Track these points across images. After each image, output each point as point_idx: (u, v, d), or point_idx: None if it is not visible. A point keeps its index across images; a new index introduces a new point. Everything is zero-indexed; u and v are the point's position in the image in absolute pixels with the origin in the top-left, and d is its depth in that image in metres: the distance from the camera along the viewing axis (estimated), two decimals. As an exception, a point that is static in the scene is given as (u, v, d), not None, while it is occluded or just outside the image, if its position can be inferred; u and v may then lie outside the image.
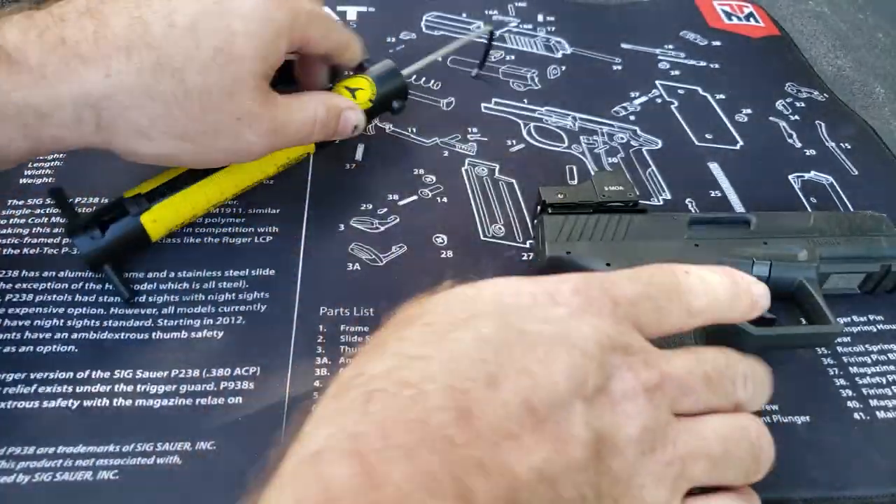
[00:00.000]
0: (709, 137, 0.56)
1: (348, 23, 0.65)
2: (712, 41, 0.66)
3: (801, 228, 0.43)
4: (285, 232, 0.46)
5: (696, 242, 0.42)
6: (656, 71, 0.62)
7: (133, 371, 0.38)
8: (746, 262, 0.41)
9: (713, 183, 0.52)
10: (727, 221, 0.44)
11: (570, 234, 0.42)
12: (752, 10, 0.70)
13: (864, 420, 0.39)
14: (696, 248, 0.42)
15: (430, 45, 0.62)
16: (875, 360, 0.42)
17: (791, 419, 0.38)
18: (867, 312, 0.44)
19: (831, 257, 0.42)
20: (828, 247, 0.42)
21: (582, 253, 0.41)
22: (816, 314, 0.40)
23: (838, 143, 0.56)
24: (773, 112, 0.59)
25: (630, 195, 0.44)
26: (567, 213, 0.43)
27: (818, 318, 0.40)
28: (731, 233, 0.43)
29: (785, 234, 0.43)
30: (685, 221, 0.43)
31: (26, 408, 0.36)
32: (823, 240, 0.43)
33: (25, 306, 0.40)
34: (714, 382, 0.28)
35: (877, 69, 0.65)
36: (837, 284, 0.44)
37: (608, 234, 0.42)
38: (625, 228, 0.43)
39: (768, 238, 0.43)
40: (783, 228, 0.43)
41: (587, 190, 0.45)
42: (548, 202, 0.44)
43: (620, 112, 0.58)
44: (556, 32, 0.66)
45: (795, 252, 0.42)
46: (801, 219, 0.44)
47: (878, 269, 0.43)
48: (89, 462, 0.34)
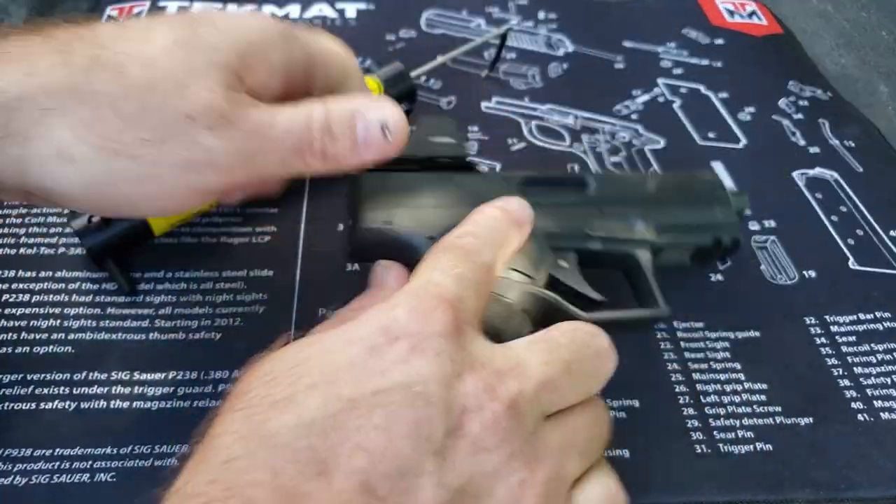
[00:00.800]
0: (712, 136, 0.56)
1: (347, 21, 0.65)
2: (715, 39, 0.65)
3: (638, 194, 0.40)
4: (284, 232, 0.46)
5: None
6: (659, 69, 0.62)
7: (130, 373, 0.38)
8: (580, 237, 0.38)
9: (716, 182, 0.52)
10: (563, 182, 0.40)
11: (392, 200, 0.36)
12: (755, 7, 0.70)
13: (867, 421, 0.38)
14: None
15: (430, 43, 0.62)
16: (880, 360, 0.41)
17: (794, 420, 0.38)
18: (874, 310, 0.43)
19: (667, 228, 0.39)
20: (664, 216, 0.39)
21: (403, 223, 0.36)
22: (646, 295, 0.37)
23: (842, 141, 0.56)
24: (777, 111, 0.58)
25: (460, 151, 0.39)
26: (388, 170, 0.36)
27: (647, 298, 0.37)
28: (568, 197, 0.39)
29: (622, 202, 0.40)
30: (519, 182, 0.39)
31: (23, 409, 0.36)
32: (661, 209, 0.39)
33: (22, 307, 0.40)
34: (574, 370, 0.27)
35: (880, 67, 0.64)
36: (671, 258, 0.40)
37: (433, 200, 0.37)
38: (454, 192, 0.37)
39: (605, 205, 0.39)
40: (621, 194, 0.40)
41: (411, 141, 0.34)
42: None
43: (623, 110, 0.57)
44: (558, 30, 0.65)
45: (632, 224, 0.39)
46: (640, 183, 0.41)
47: (710, 242, 0.40)
48: (86, 464, 0.34)
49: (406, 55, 0.61)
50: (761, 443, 0.37)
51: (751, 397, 0.39)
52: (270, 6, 0.66)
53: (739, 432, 0.37)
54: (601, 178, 0.41)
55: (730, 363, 0.41)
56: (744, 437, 0.37)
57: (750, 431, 0.37)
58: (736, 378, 0.40)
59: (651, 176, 0.42)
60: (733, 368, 0.40)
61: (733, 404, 0.39)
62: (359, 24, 0.65)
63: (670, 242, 0.39)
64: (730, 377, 0.40)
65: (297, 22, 0.65)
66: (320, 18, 0.65)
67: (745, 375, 0.40)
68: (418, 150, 0.38)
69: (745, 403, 0.39)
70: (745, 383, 0.40)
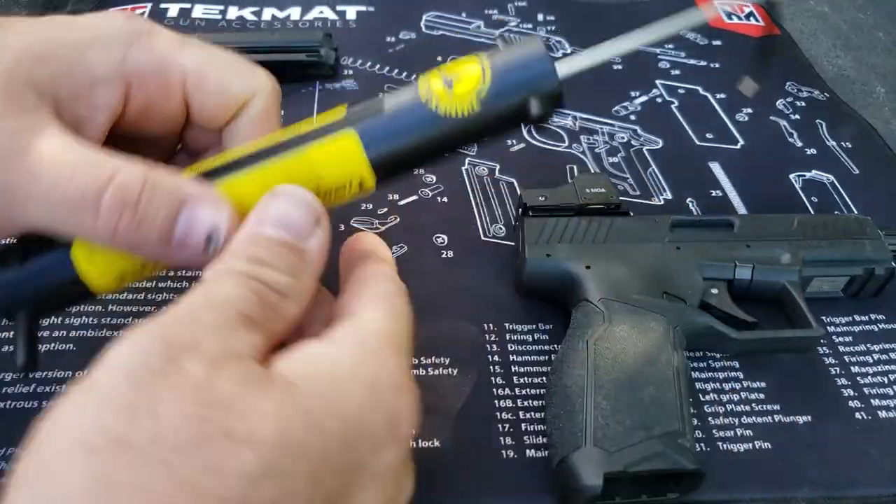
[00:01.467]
0: (709, 137, 0.56)
1: (348, 23, 0.65)
2: (713, 40, 0.66)
3: (784, 231, 0.43)
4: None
5: (678, 245, 0.42)
6: (657, 70, 0.62)
7: (132, 371, 0.38)
8: (728, 265, 0.41)
9: (714, 182, 0.52)
10: (710, 224, 0.44)
11: (551, 237, 0.42)
12: (753, 9, 0.70)
13: (865, 419, 0.38)
14: (677, 250, 0.42)
15: (430, 45, 0.62)
16: (877, 359, 0.41)
17: (792, 419, 0.38)
18: (868, 312, 0.44)
19: (815, 260, 0.42)
20: (811, 250, 0.42)
21: (562, 255, 0.41)
22: (798, 318, 0.40)
23: (839, 142, 0.56)
24: (774, 111, 0.59)
25: (612, 198, 0.44)
26: (547, 215, 0.43)
27: (800, 321, 0.40)
28: (714, 235, 0.43)
29: (768, 236, 0.43)
30: (667, 224, 0.43)
31: (25, 407, 0.36)
32: (807, 243, 0.43)
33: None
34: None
35: (877, 68, 0.65)
36: (821, 288, 0.43)
37: (589, 237, 0.42)
38: (606, 231, 0.42)
39: (751, 241, 0.43)
40: (766, 231, 0.43)
41: (569, 193, 0.44)
42: (529, 205, 0.43)
43: (621, 111, 0.58)
44: (557, 32, 0.66)
45: (778, 255, 0.42)
46: (785, 222, 0.44)
47: (862, 273, 0.43)
48: (88, 462, 0.34)
49: (407, 55, 0.61)
50: (760, 441, 0.37)
51: (749, 396, 0.39)
52: (271, 9, 0.66)
53: (738, 431, 0.38)
54: (746, 219, 0.44)
55: (728, 362, 0.41)
56: (742, 435, 0.37)
57: (749, 430, 0.38)
58: (734, 377, 0.40)
59: (796, 217, 0.44)
60: (732, 367, 0.41)
61: (732, 403, 0.39)
62: (359, 26, 0.65)
63: (818, 273, 0.42)
64: (728, 376, 0.40)
65: (297, 23, 0.65)
66: (321, 20, 0.65)
67: (743, 374, 0.40)
68: (575, 199, 0.44)
69: (743, 402, 0.39)
70: (744, 382, 0.40)
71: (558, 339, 0.41)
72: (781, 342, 0.40)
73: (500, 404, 0.38)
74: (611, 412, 0.33)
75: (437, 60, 0.61)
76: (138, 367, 0.20)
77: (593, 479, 0.31)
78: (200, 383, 0.20)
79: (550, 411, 0.35)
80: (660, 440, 0.32)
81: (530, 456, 0.36)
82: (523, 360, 0.40)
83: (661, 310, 0.38)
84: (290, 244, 0.25)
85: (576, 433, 0.33)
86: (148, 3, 0.65)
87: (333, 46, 0.59)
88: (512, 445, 0.36)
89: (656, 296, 0.39)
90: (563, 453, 0.33)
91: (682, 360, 0.36)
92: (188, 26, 0.64)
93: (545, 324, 0.42)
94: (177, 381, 0.20)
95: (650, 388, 0.34)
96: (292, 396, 0.21)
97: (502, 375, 0.39)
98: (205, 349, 0.21)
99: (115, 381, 0.20)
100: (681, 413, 0.34)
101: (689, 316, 0.39)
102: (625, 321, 0.37)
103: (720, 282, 0.41)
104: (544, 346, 0.41)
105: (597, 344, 0.36)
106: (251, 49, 0.57)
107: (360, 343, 0.24)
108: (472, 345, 0.41)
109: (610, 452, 0.32)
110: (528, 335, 0.41)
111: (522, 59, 0.27)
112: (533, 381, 0.39)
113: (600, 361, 0.35)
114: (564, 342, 0.38)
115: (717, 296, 0.41)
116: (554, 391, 0.36)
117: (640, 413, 0.33)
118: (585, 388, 0.34)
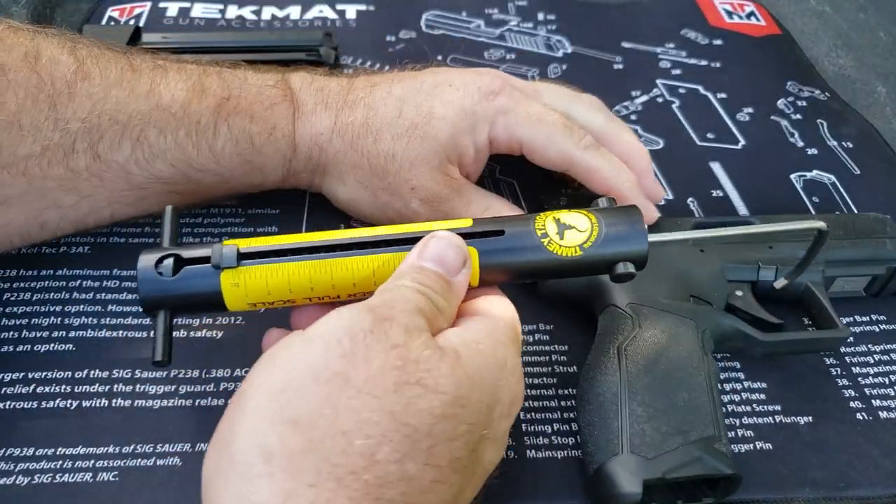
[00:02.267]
0: (710, 137, 0.56)
1: (347, 22, 0.65)
2: (713, 40, 0.66)
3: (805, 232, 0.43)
4: (285, 232, 0.46)
5: (701, 248, 0.42)
6: (657, 70, 0.62)
7: (132, 371, 0.38)
8: (752, 267, 0.41)
9: (715, 182, 0.52)
10: (732, 225, 0.44)
11: None
12: (754, 8, 0.70)
13: (866, 420, 0.38)
14: (700, 252, 0.42)
15: (430, 44, 0.62)
16: (878, 360, 0.41)
17: (793, 419, 0.38)
18: (870, 312, 0.44)
19: (836, 260, 0.42)
20: (833, 250, 0.42)
21: None
22: (823, 318, 0.40)
23: (840, 142, 0.56)
24: (775, 111, 0.58)
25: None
26: None
27: (825, 322, 0.40)
28: (738, 237, 0.42)
29: (790, 238, 0.43)
30: (689, 226, 0.43)
31: (25, 408, 0.36)
32: (829, 243, 0.42)
33: (23, 305, 0.40)
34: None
35: (878, 68, 0.65)
36: (843, 287, 0.43)
37: None
38: None
39: (773, 242, 0.42)
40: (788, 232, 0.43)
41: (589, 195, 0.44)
42: (549, 207, 0.43)
43: (622, 111, 0.58)
44: (557, 31, 0.66)
45: (800, 256, 0.41)
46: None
47: (884, 272, 0.43)
48: (89, 463, 0.34)
49: (406, 56, 0.61)
50: (761, 442, 0.37)
51: (750, 396, 0.39)
52: (271, 8, 0.66)
53: (739, 431, 0.38)
54: (768, 221, 0.44)
55: (729, 362, 0.41)
56: (744, 436, 0.37)
57: (749, 430, 0.38)
58: (735, 377, 0.40)
59: (816, 217, 0.45)
60: (733, 368, 0.41)
61: (733, 403, 0.39)
62: (359, 25, 0.65)
63: (840, 273, 0.42)
64: (729, 376, 0.40)
65: (297, 22, 0.65)
66: (321, 20, 0.65)
67: (744, 375, 0.40)
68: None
69: (744, 402, 0.39)
70: (745, 382, 0.40)
71: (559, 339, 0.41)
72: (808, 343, 0.40)
73: (501, 405, 0.38)
74: (646, 418, 0.33)
75: (438, 60, 0.61)
76: (354, 327, 0.27)
77: (632, 486, 0.31)
78: (399, 343, 0.27)
79: (583, 419, 0.35)
80: (696, 445, 0.32)
81: (530, 457, 0.36)
82: (523, 361, 0.40)
83: (689, 313, 0.38)
84: (444, 277, 0.31)
85: (612, 440, 0.33)
86: (147, 3, 0.65)
87: (333, 46, 0.59)
88: (512, 446, 0.36)
89: (683, 299, 0.39)
90: (599, 461, 0.33)
91: (712, 364, 0.36)
92: (187, 26, 0.63)
93: (545, 324, 0.42)
94: (383, 340, 0.27)
95: (683, 393, 0.34)
96: (460, 363, 0.28)
97: (503, 376, 0.39)
98: (400, 321, 0.27)
99: (337, 335, 0.27)
100: (715, 417, 0.34)
101: (716, 319, 0.38)
102: (654, 325, 0.37)
103: (744, 284, 0.41)
104: (545, 347, 0.41)
105: (627, 349, 0.36)
106: (251, 48, 0.57)
107: (493, 334, 0.30)
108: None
109: (648, 459, 0.32)
110: (529, 335, 0.41)
111: (626, 231, 0.33)
112: (533, 382, 0.39)
113: (632, 367, 0.35)
114: (593, 349, 0.38)
115: (741, 298, 0.40)
116: (587, 398, 0.35)
117: (676, 418, 0.33)
118: (620, 395, 0.34)
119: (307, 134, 0.42)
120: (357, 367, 0.26)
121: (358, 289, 0.33)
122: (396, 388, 0.26)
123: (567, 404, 0.38)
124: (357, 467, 0.24)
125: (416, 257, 0.31)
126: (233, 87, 0.40)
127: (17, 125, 0.34)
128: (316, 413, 0.25)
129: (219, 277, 0.32)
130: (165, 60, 0.40)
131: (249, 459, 0.24)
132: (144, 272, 0.32)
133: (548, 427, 0.37)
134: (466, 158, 0.42)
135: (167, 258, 0.32)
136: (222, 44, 0.58)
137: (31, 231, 0.38)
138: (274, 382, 0.26)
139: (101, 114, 0.36)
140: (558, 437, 0.37)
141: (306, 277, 0.32)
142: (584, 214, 0.34)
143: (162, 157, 0.39)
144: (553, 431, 0.37)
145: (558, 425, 0.37)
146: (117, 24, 0.62)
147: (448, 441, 0.26)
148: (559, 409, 0.38)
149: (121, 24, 0.62)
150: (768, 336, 0.39)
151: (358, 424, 0.25)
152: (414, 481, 0.25)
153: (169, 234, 0.34)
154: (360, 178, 0.42)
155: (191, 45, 0.57)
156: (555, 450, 0.36)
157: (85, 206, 0.38)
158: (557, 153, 0.41)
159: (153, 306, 0.32)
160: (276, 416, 0.25)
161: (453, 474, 0.26)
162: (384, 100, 0.41)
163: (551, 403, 0.38)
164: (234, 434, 0.25)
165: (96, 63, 0.37)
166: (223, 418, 0.27)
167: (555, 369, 0.40)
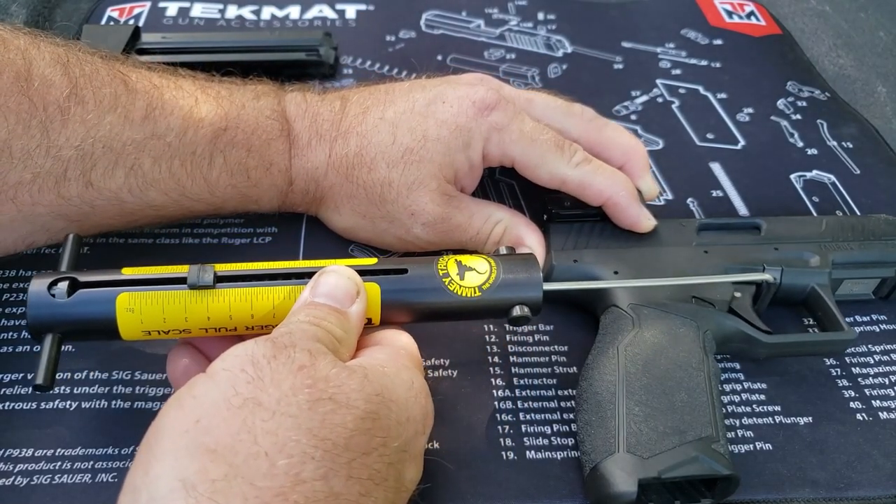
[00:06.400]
0: (710, 137, 0.56)
1: (347, 22, 0.65)
2: (713, 40, 0.66)
3: (812, 233, 0.43)
4: (284, 233, 0.46)
5: (706, 249, 0.42)
6: (657, 70, 0.62)
7: (131, 372, 0.38)
8: (757, 268, 0.41)
9: (715, 183, 0.52)
10: (737, 227, 0.44)
11: (577, 243, 0.42)
12: (754, 8, 0.70)
13: (866, 421, 0.38)
14: (705, 254, 0.41)
15: (430, 44, 0.62)
16: (878, 360, 0.41)
17: (793, 420, 0.38)
18: (870, 312, 0.44)
19: (844, 263, 0.42)
20: (841, 252, 0.42)
21: (589, 261, 0.41)
22: (829, 321, 0.40)
23: (840, 142, 0.56)
24: (775, 111, 0.58)
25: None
26: (573, 221, 0.43)
27: (831, 324, 0.40)
28: (741, 238, 0.43)
29: (796, 239, 0.42)
30: (694, 227, 0.43)
31: (24, 409, 0.36)
32: (836, 245, 0.42)
33: (22, 305, 0.40)
34: None
35: (878, 68, 0.65)
36: (851, 290, 0.43)
37: (616, 242, 0.42)
38: (633, 235, 0.42)
39: (779, 244, 0.42)
40: (794, 234, 0.43)
41: None
42: (554, 211, 0.43)
43: (621, 111, 0.58)
44: (557, 31, 0.65)
45: (807, 258, 0.41)
46: (813, 224, 0.44)
47: (893, 275, 0.42)
48: (88, 464, 0.34)
49: (406, 55, 0.61)
50: (761, 442, 0.37)
51: (750, 397, 0.39)
52: (271, 8, 0.66)
53: (739, 432, 0.38)
54: (774, 222, 0.44)
55: (729, 363, 0.41)
56: (743, 436, 0.37)
57: (749, 431, 0.38)
58: (735, 378, 0.40)
59: (824, 218, 0.44)
60: (732, 368, 0.41)
61: (733, 404, 0.39)
62: (358, 25, 0.65)
63: (848, 276, 0.42)
64: (729, 377, 0.40)
65: (297, 22, 0.65)
66: (320, 19, 0.65)
67: (744, 375, 0.40)
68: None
69: (744, 403, 0.39)
70: (745, 383, 0.40)
71: (559, 339, 0.41)
72: (812, 346, 0.40)
73: (500, 406, 0.38)
74: (643, 418, 0.33)
75: (437, 59, 0.61)
76: (256, 354, 0.27)
77: (628, 485, 0.31)
78: (306, 364, 0.27)
79: (581, 418, 0.35)
80: (693, 445, 0.32)
81: (530, 458, 0.36)
82: (523, 361, 0.40)
83: (690, 314, 0.38)
84: (338, 309, 0.31)
85: (608, 439, 0.33)
86: (147, 2, 0.65)
87: (333, 45, 0.59)
88: (512, 447, 0.36)
89: (685, 300, 0.39)
90: (595, 460, 0.33)
91: (712, 365, 0.36)
92: (187, 25, 0.63)
93: (545, 324, 0.42)
94: (288, 363, 0.27)
95: (682, 394, 0.34)
96: (368, 380, 0.28)
97: (502, 376, 0.39)
98: (301, 346, 0.28)
99: (240, 365, 0.27)
100: (714, 418, 0.34)
101: (718, 320, 0.38)
102: (655, 326, 0.37)
103: (749, 286, 0.41)
104: (545, 347, 0.41)
105: (627, 349, 0.36)
106: (251, 48, 0.57)
107: (396, 360, 0.31)
108: (472, 345, 0.41)
109: (644, 458, 0.32)
110: (529, 336, 0.41)
111: (522, 277, 0.36)
112: (533, 383, 0.39)
113: (631, 367, 0.35)
114: (593, 349, 0.38)
115: (739, 300, 0.40)
116: (585, 398, 0.35)
117: (673, 418, 0.33)
118: (617, 394, 0.34)
119: (303, 169, 0.42)
120: (267, 389, 0.26)
121: (257, 321, 0.33)
122: (310, 405, 0.26)
123: (567, 405, 0.38)
124: (283, 488, 0.24)
125: (308, 294, 0.32)
126: (230, 115, 0.40)
127: (8, 152, 0.33)
128: (233, 438, 0.24)
129: (114, 302, 0.32)
130: (161, 77, 0.39)
131: (170, 495, 0.23)
132: (36, 294, 0.31)
133: (547, 428, 0.37)
134: (461, 173, 0.42)
135: (62, 280, 0.32)
136: (222, 44, 0.58)
137: (18, 250, 0.38)
138: (185, 418, 0.25)
139: (94, 141, 0.35)
140: (558, 437, 0.37)
141: (203, 306, 0.32)
142: (483, 259, 0.36)
143: (155, 186, 0.38)
144: (553, 432, 0.37)
145: (558, 426, 0.37)
146: (116, 23, 0.62)
147: (364, 455, 0.26)
148: (559, 410, 0.38)
149: (120, 23, 0.62)
150: (771, 338, 0.38)
151: (277, 445, 0.24)
152: (342, 497, 0.25)
153: (67, 260, 0.34)
154: (356, 208, 0.42)
155: (190, 46, 0.57)
156: (554, 450, 0.36)
157: (73, 229, 0.37)
158: (549, 174, 0.41)
159: (42, 329, 0.32)
160: (193, 446, 0.24)
161: (376, 488, 0.26)
162: (377, 127, 0.41)
163: (551, 404, 0.38)
164: (150, 476, 0.24)
165: (90, 83, 0.36)
166: (132, 469, 0.25)
167: (555, 370, 0.40)
